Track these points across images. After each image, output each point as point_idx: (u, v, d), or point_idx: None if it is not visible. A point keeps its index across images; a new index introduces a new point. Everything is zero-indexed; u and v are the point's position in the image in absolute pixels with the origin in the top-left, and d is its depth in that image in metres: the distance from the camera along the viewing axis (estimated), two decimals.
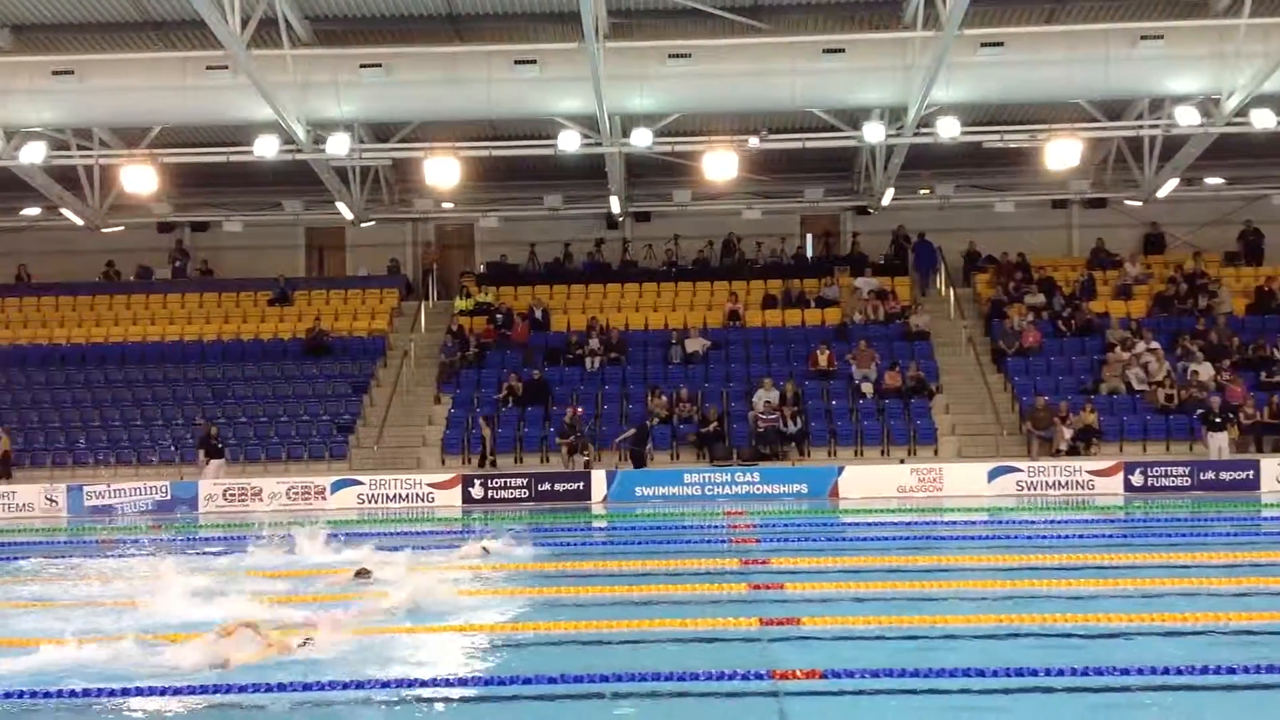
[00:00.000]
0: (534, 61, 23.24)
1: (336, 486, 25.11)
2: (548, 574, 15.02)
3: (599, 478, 25.05)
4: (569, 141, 25.15)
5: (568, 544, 18.31)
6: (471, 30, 24.37)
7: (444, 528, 21.03)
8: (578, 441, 26.17)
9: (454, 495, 24.95)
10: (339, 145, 25.12)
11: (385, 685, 9.49)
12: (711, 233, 32.91)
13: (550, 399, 28.05)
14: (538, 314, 30.89)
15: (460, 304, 31.71)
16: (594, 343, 29.41)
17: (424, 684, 9.48)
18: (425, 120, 26.01)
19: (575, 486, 25.01)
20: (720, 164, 25.83)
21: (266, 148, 25.22)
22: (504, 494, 24.97)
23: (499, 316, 30.77)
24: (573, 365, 29.23)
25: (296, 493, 24.99)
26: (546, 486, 25.04)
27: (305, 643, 10.36)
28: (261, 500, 24.85)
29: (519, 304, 31.52)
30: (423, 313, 32.06)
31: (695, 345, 29.44)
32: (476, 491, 24.95)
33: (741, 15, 23.39)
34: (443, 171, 25.95)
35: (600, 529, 21.83)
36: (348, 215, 30.97)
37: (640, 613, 12.52)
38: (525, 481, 25.15)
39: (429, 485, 25.09)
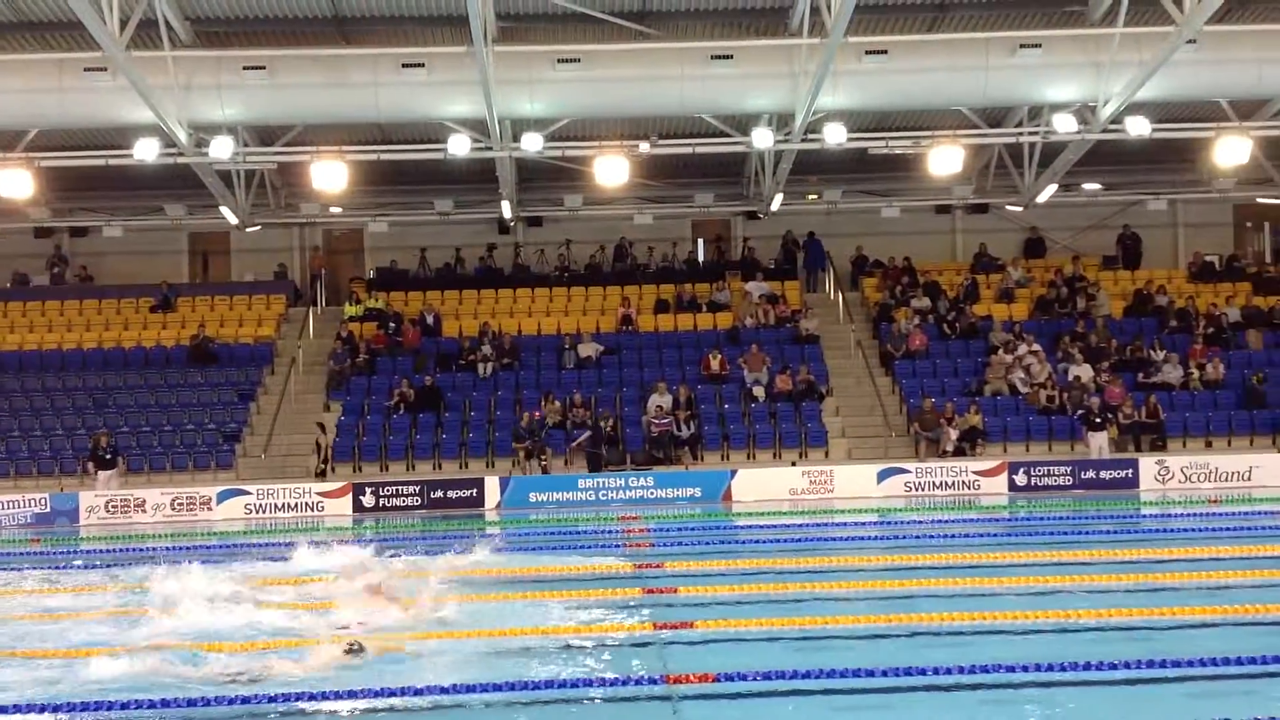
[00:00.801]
0: (422, 65, 23.03)
1: (223, 497, 24.60)
2: (443, 581, 14.87)
3: (492, 484, 24.91)
4: (459, 146, 24.98)
5: (460, 551, 18.14)
6: (358, 33, 24.08)
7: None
8: (535, 445, 26.03)
9: (344, 504, 24.59)
10: (222, 148, 24.62)
11: None
12: (603, 237, 32.94)
13: (443, 406, 27.81)
14: (429, 320, 30.62)
15: (350, 310, 31.29)
16: (486, 348, 29.23)
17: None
18: (311, 123, 25.62)
19: (469, 493, 24.83)
20: (611, 169, 25.85)
21: (147, 151, 24.62)
22: (396, 502, 24.69)
23: (390, 323, 30.44)
24: (465, 371, 29.02)
25: (181, 504, 24.44)
26: (439, 494, 24.81)
27: (353, 648, 10.51)
28: (145, 512, 24.26)
29: (410, 310, 31.21)
30: (311, 319, 31.58)
31: (588, 350, 29.42)
32: (368, 500, 24.63)
33: (630, 21, 23.44)
34: (330, 175, 25.60)
35: (493, 535, 21.68)
36: (232, 220, 30.38)
37: (533, 619, 12.47)
38: (417, 489, 24.89)
39: (318, 494, 24.71)
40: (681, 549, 18.23)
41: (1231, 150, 25.58)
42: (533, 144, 24.85)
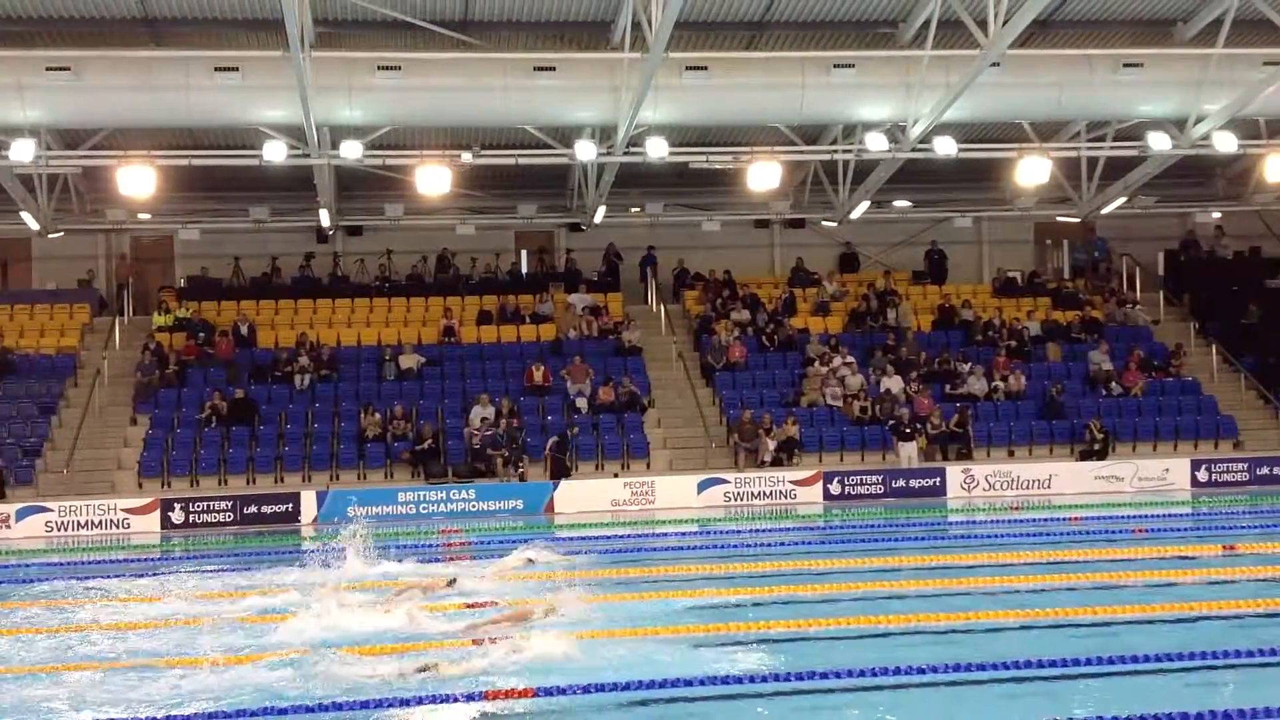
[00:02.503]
0: (236, 69, 22.44)
1: (22, 514, 23.49)
2: (264, 599, 14.53)
3: (309, 498, 24.39)
4: (275, 152, 24.40)
5: (275, 568, 17.70)
6: (169, 35, 23.34)
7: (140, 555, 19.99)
8: (513, 453, 25.63)
9: (152, 521, 23.76)
10: (23, 151, 23.51)
11: None
12: (425, 248, 32.57)
13: (257, 418, 27.11)
14: (243, 330, 29.80)
15: (159, 320, 30.23)
16: (303, 360, 28.60)
17: None
18: (119, 127, 24.73)
19: (284, 508, 24.25)
20: (433, 178, 25.59)
21: None
22: (207, 518, 23.97)
23: (201, 333, 29.54)
24: (281, 383, 28.33)
25: None
26: (253, 509, 24.18)
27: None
28: None
29: (223, 320, 30.33)
30: (117, 329, 30.40)
31: (410, 362, 29.06)
32: (177, 516, 23.84)
33: (452, 30, 23.28)
34: (138, 181, 24.69)
35: (311, 551, 21.17)
36: (34, 226, 29.05)
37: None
38: (230, 505, 24.22)
39: (124, 510, 23.82)
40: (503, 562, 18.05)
41: (1032, 170, 26.71)
42: (352, 152, 24.45)
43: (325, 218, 30.25)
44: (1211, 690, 9.80)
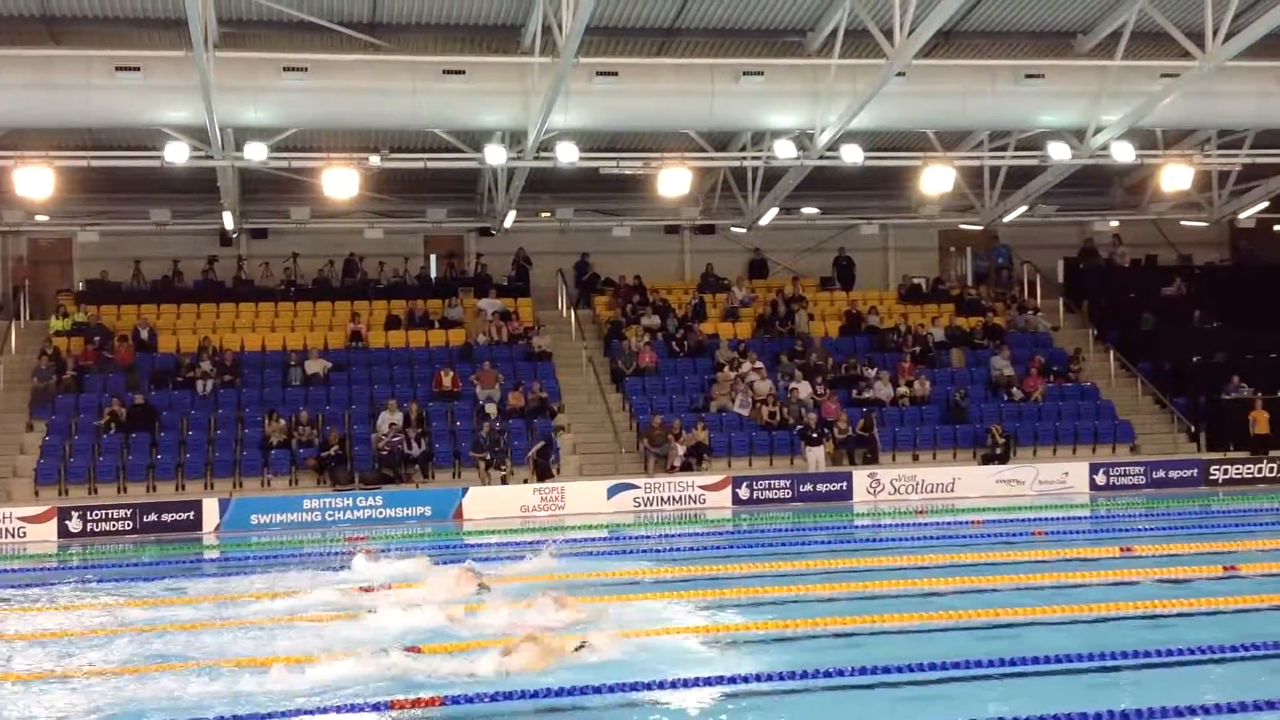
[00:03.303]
0: (138, 69, 21.96)
1: None
2: (151, 610, 14.25)
3: (211, 506, 23.95)
4: (177, 154, 23.95)
5: (174, 576, 17.40)
6: (69, 33, 22.78)
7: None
8: (495, 456, 25.39)
9: (49, 529, 23.15)
10: None
11: None
12: (332, 251, 32.18)
13: (157, 425, 26.59)
14: (144, 335, 29.21)
15: (56, 324, 29.52)
16: (206, 365, 28.10)
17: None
18: (16, 126, 24.09)
19: (185, 516, 23.79)
20: (340, 181, 25.28)
21: None
22: (106, 527, 23.42)
23: (99, 338, 28.88)
24: (183, 389, 27.81)
25: None
26: (153, 517, 23.68)
27: (581, 647, 10.92)
28: None
29: (123, 324, 29.70)
30: (13, 333, 29.63)
31: (316, 367, 28.68)
32: (74, 525, 23.26)
33: (360, 31, 23.04)
34: (35, 182, 24.04)
35: (212, 560, 20.84)
36: None
37: (254, 647, 12.05)
38: (129, 512, 23.68)
39: (20, 519, 23.19)
40: (410, 570, 17.87)
41: (936, 179, 27.12)
42: (257, 153, 24.08)
43: (229, 220, 29.77)
44: (1111, 690, 10.00)
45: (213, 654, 11.84)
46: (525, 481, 25.59)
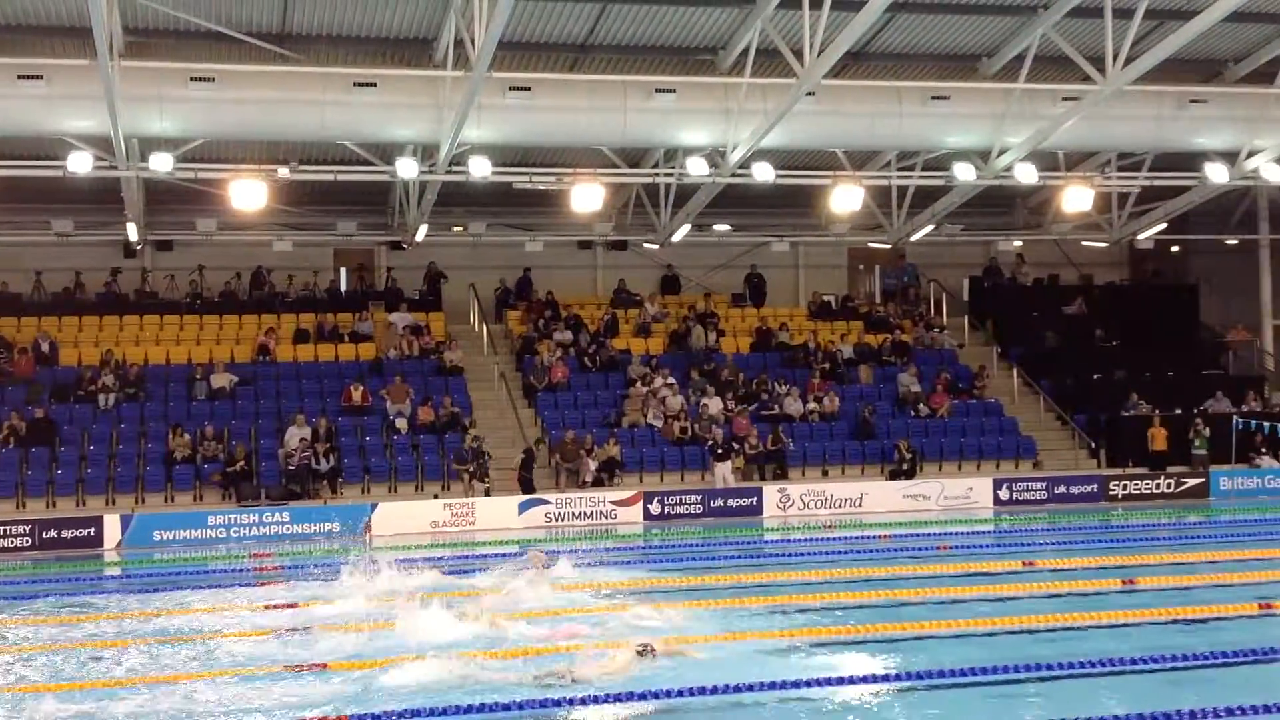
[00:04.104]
0: (40, 77, 21.55)
1: None
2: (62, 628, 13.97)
3: (112, 522, 23.45)
4: (80, 163, 23.51)
5: (76, 594, 17.03)
6: None
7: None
8: (479, 469, 25.26)
9: None
10: None
11: None
12: (240, 264, 31.74)
13: (57, 439, 26.00)
14: (44, 347, 28.56)
15: None
16: (109, 378, 27.55)
17: None
18: None
19: (86, 533, 23.26)
20: (248, 193, 25.01)
21: None
22: (3, 543, 22.81)
23: None
24: (84, 403, 27.22)
25: None
26: (52, 534, 23.13)
27: (645, 650, 11.15)
28: None
29: (23, 337, 29.00)
30: None
31: (222, 381, 28.25)
32: None
33: (269, 42, 22.82)
34: None
35: (113, 577, 20.41)
36: None
37: (156, 666, 11.84)
38: (28, 528, 23.11)
39: None
40: (317, 586, 17.67)
41: (845, 198, 27.53)
42: (162, 164, 23.74)
43: (133, 232, 29.25)
44: (1013, 702, 10.18)
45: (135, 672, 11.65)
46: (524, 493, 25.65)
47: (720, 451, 27.03)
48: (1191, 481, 27.94)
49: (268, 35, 22.88)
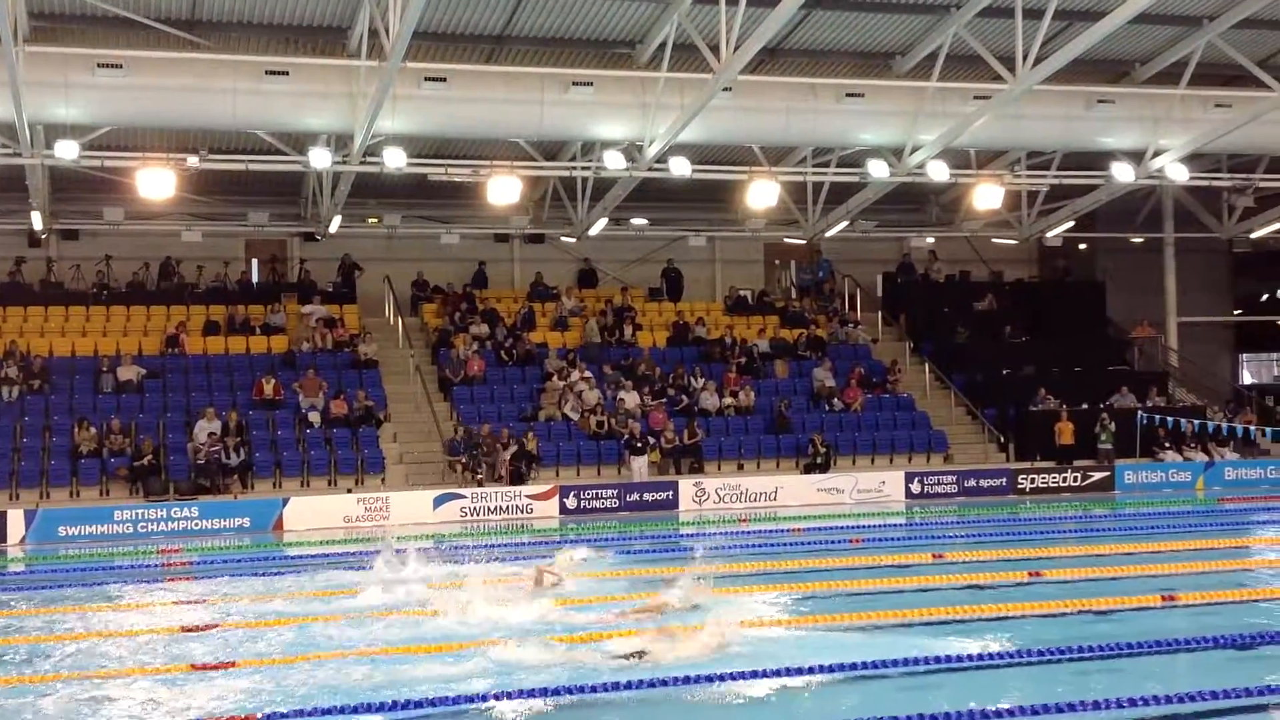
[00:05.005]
0: None
1: None
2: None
3: (16, 517, 22.95)
4: None
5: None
6: None
7: None
8: (474, 460, 25.26)
9: None
10: None
11: None
12: (148, 254, 31.11)
13: None
14: None
15: None
16: (12, 370, 26.89)
17: None
18: None
19: None
20: (156, 182, 24.54)
21: None
22: None
23: None
24: None
25: None
26: None
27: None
28: None
29: None
30: None
31: (129, 373, 27.71)
32: None
33: (178, 29, 22.40)
34: None
35: (16, 573, 19.93)
36: None
37: (62, 664, 11.59)
38: None
39: None
40: (227, 582, 17.43)
41: (762, 193, 27.70)
42: (68, 152, 23.21)
43: (38, 220, 28.57)
44: (920, 693, 10.31)
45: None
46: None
47: (639, 445, 27.06)
48: (1097, 475, 28.50)
49: (178, 21, 22.45)
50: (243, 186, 29.86)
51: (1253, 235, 35.45)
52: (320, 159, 24.63)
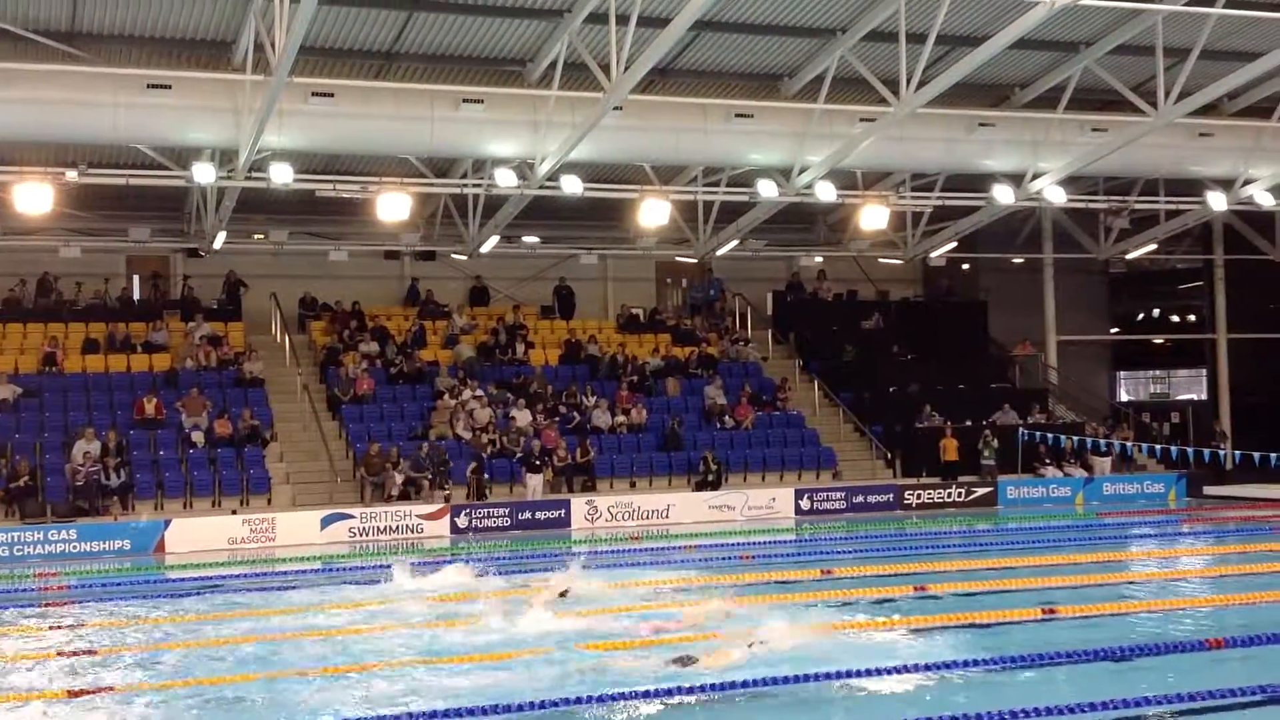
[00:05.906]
0: None
1: None
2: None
3: None
4: None
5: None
6: None
7: None
8: (438, 476, 25.08)
9: None
10: None
11: None
12: (25, 270, 30.24)
13: None
14: None
15: None
16: None
17: None
18: None
19: None
20: (33, 197, 23.92)
21: None
22: None
23: None
24: None
25: None
26: None
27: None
28: None
29: None
30: None
31: (4, 392, 26.89)
32: None
33: (58, 41, 21.86)
34: None
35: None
36: None
37: None
38: None
39: None
40: (106, 606, 16.97)
41: (653, 212, 27.87)
42: None
43: None
44: (811, 709, 10.41)
45: None
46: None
47: (536, 463, 26.98)
48: (980, 491, 29.08)
49: (56, 34, 21.92)
50: (124, 201, 29.17)
51: (1128, 256, 36.60)
52: (204, 174, 24.18)
